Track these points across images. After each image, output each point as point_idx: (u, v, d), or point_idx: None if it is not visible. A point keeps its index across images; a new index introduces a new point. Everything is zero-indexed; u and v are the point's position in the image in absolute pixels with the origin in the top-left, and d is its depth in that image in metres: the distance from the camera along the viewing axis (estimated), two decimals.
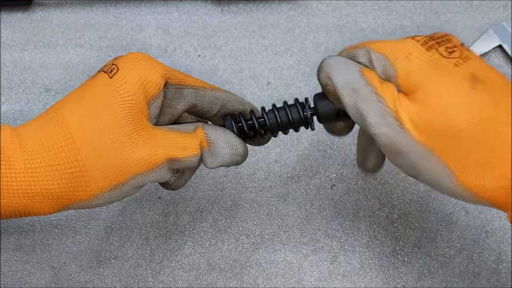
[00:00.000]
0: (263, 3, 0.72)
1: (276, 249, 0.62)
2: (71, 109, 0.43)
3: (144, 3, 0.72)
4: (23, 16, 0.71)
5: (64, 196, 0.42)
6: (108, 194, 0.43)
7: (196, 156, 0.46)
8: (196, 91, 0.47)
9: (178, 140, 0.45)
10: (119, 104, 0.43)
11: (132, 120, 0.43)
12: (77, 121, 0.42)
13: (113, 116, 0.42)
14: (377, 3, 0.72)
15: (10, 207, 0.41)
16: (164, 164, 0.44)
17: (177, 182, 0.50)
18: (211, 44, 0.70)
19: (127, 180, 0.43)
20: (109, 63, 0.45)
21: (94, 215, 0.63)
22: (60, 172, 0.41)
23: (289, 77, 0.69)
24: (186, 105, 0.48)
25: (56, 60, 0.69)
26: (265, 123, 0.49)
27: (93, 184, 0.42)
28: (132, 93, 0.43)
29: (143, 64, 0.45)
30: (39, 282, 0.61)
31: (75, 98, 0.44)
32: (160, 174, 0.45)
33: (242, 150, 0.48)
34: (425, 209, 0.63)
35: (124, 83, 0.43)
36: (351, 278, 0.61)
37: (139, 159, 0.43)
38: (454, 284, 0.60)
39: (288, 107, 0.48)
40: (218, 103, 0.49)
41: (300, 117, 0.48)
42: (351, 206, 0.63)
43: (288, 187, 0.64)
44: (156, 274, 0.61)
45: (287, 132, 0.50)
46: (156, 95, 0.45)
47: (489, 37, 0.69)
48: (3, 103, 0.67)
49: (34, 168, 0.40)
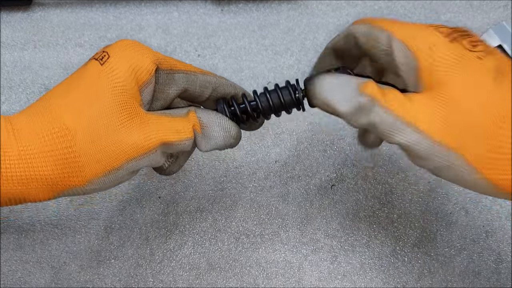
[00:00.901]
0: (263, 3, 0.72)
1: (276, 249, 0.62)
2: (63, 97, 0.43)
3: (144, 3, 0.72)
4: (23, 16, 0.71)
5: (59, 182, 0.42)
6: (102, 179, 0.43)
7: (190, 139, 0.46)
8: (187, 76, 0.48)
9: (171, 124, 0.45)
10: (111, 91, 0.43)
11: (124, 106, 0.43)
12: (70, 108, 0.42)
13: (106, 102, 0.42)
14: (377, 3, 0.72)
15: (6, 194, 0.41)
16: (157, 148, 0.44)
17: (171, 167, 0.50)
18: (211, 44, 0.70)
19: (121, 165, 0.43)
20: (100, 51, 0.45)
21: (94, 215, 0.63)
22: (54, 158, 0.41)
23: (289, 76, 0.69)
24: (177, 90, 0.48)
25: (56, 60, 0.69)
26: (257, 106, 0.49)
27: (87, 170, 0.42)
28: (123, 79, 0.43)
29: (134, 50, 0.45)
30: (39, 281, 0.61)
31: (66, 86, 0.44)
32: (154, 159, 0.45)
33: (235, 132, 0.48)
34: (425, 209, 0.63)
35: (115, 69, 0.43)
36: (351, 278, 0.61)
37: (133, 144, 0.43)
38: (454, 284, 0.60)
39: (279, 89, 0.49)
40: (209, 87, 0.49)
41: (292, 99, 0.48)
42: (351, 206, 0.63)
43: (288, 187, 0.64)
44: (156, 274, 0.61)
45: (279, 115, 0.50)
46: (148, 80, 0.45)
47: (489, 37, 0.69)
48: (3, 103, 0.67)
49: (28, 155, 0.40)
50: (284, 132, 0.66)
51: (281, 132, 0.66)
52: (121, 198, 0.63)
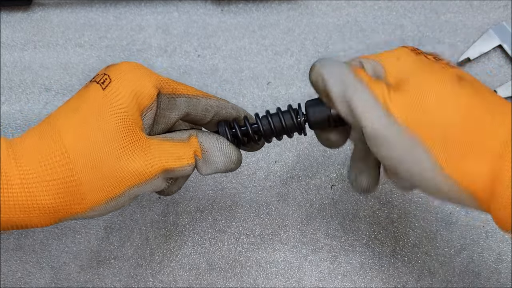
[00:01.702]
0: (263, 3, 0.72)
1: (276, 249, 0.62)
2: (65, 123, 0.43)
3: (144, 3, 0.72)
4: (23, 16, 0.71)
5: (60, 210, 0.42)
6: (104, 206, 0.43)
7: (191, 165, 0.46)
8: (189, 100, 0.48)
9: (173, 150, 0.45)
10: (113, 117, 0.43)
11: (126, 133, 0.43)
12: (71, 134, 0.42)
13: (107, 129, 0.42)
14: (377, 3, 0.72)
15: (8, 221, 0.41)
16: (159, 174, 0.44)
17: (170, 188, 0.50)
18: (211, 44, 0.70)
19: (123, 192, 0.43)
20: (101, 73, 0.45)
21: None
22: (56, 187, 0.41)
23: (289, 77, 0.69)
24: (179, 114, 0.48)
25: (56, 60, 0.69)
26: (259, 128, 0.49)
27: (89, 197, 0.42)
28: (125, 105, 0.43)
29: (136, 74, 0.45)
30: (39, 282, 0.61)
31: (69, 110, 0.44)
32: (156, 184, 0.45)
33: (236, 158, 0.48)
34: (425, 209, 0.63)
35: (117, 95, 0.43)
36: (351, 278, 0.61)
37: (135, 171, 0.43)
38: (454, 284, 0.60)
39: (281, 113, 0.49)
40: (211, 111, 0.49)
41: (293, 123, 0.49)
42: (351, 206, 0.63)
43: (288, 187, 0.64)
44: (156, 274, 0.61)
45: (280, 138, 0.50)
46: (149, 105, 0.45)
47: (489, 37, 0.69)
48: (3, 103, 0.67)
49: (30, 184, 0.40)
50: None
51: None
52: None
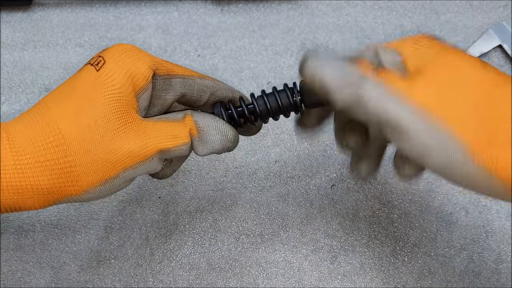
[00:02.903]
0: (263, 3, 0.72)
1: (276, 249, 0.62)
2: (58, 104, 0.42)
3: (144, 3, 0.72)
4: (23, 16, 0.71)
5: (54, 192, 0.41)
6: (99, 188, 0.43)
7: (186, 144, 0.45)
8: (185, 81, 0.47)
9: (168, 130, 0.44)
10: (107, 98, 0.42)
11: (120, 114, 0.42)
12: (65, 116, 0.41)
13: (101, 110, 0.42)
14: (377, 3, 0.72)
15: (1, 203, 0.40)
16: (154, 156, 0.44)
17: (164, 171, 0.49)
18: (211, 44, 0.70)
19: (118, 174, 0.43)
20: (95, 55, 0.44)
21: (94, 215, 0.63)
22: (50, 168, 0.41)
23: (289, 76, 0.69)
24: (175, 95, 0.47)
25: (56, 60, 0.69)
26: (255, 109, 0.48)
27: (84, 179, 0.42)
28: (119, 86, 0.42)
29: (130, 55, 0.44)
30: (39, 282, 0.61)
31: (62, 92, 0.43)
32: (151, 166, 0.44)
33: (232, 136, 0.47)
34: (425, 209, 0.63)
35: (111, 75, 0.42)
36: (351, 278, 0.61)
37: (129, 153, 0.42)
38: (454, 284, 0.60)
39: (277, 92, 0.48)
40: (207, 91, 0.48)
41: (290, 102, 0.48)
42: (351, 206, 0.63)
43: (288, 187, 0.64)
44: (156, 274, 0.61)
45: (277, 118, 0.49)
46: (145, 86, 0.44)
47: (489, 37, 0.69)
48: (3, 103, 0.67)
49: (24, 165, 0.40)
50: (284, 132, 0.66)
51: (281, 132, 0.66)
52: (121, 198, 0.63)
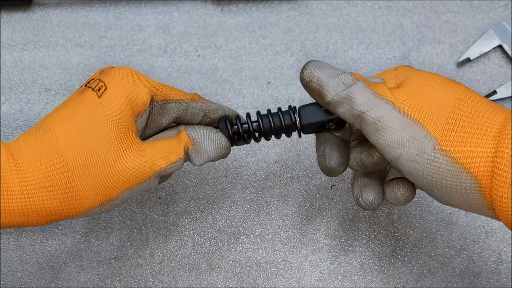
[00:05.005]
0: (263, 3, 0.72)
1: (276, 249, 0.62)
2: (61, 129, 0.44)
3: (144, 3, 0.72)
4: (23, 16, 0.71)
5: (57, 213, 0.43)
6: (98, 208, 0.45)
7: (180, 160, 0.48)
8: (179, 105, 0.49)
9: (164, 148, 0.47)
10: (108, 124, 0.44)
11: (121, 139, 0.44)
12: (68, 141, 0.43)
13: (103, 136, 0.44)
14: (377, 3, 0.72)
15: (6, 223, 0.42)
16: (152, 177, 0.46)
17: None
18: (211, 44, 0.70)
19: (117, 196, 0.45)
20: (96, 78, 0.46)
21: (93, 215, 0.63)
22: (54, 193, 0.43)
23: (289, 77, 0.69)
24: (170, 119, 0.49)
25: (56, 60, 0.69)
26: (260, 127, 0.51)
27: (85, 202, 0.44)
28: (120, 111, 0.45)
29: (131, 81, 0.46)
30: (39, 282, 0.61)
31: (65, 115, 0.45)
32: (149, 185, 0.47)
33: (225, 143, 0.50)
34: (425, 209, 0.63)
35: (112, 102, 0.45)
36: (351, 278, 0.61)
37: (129, 175, 0.45)
38: (454, 284, 0.60)
39: (270, 115, 0.51)
40: (200, 114, 0.51)
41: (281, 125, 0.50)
42: (351, 206, 0.63)
43: (288, 187, 0.64)
44: (156, 274, 0.61)
45: (279, 137, 0.52)
46: (143, 111, 0.46)
47: (489, 37, 0.69)
48: (3, 103, 0.67)
49: (30, 190, 0.42)
50: None
51: None
52: None
